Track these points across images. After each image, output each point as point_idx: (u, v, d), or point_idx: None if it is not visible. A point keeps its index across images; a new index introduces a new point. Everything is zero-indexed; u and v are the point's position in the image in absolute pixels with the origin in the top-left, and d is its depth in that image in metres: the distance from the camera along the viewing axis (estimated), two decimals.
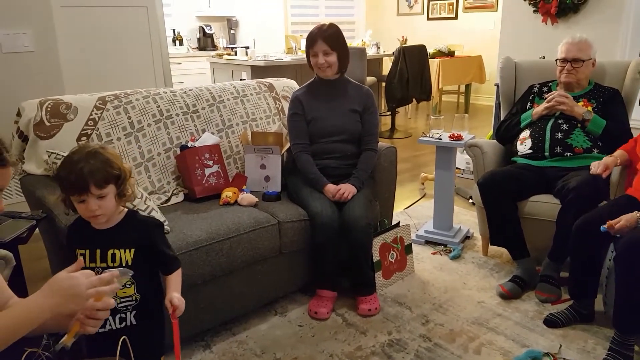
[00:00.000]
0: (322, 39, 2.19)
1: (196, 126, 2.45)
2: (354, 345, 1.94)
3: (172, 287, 1.38)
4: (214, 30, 6.60)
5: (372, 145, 2.33)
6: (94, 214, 1.26)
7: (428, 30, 7.72)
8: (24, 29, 2.90)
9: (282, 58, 5.07)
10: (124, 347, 1.17)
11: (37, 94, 2.33)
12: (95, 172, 1.23)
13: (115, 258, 1.31)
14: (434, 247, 2.75)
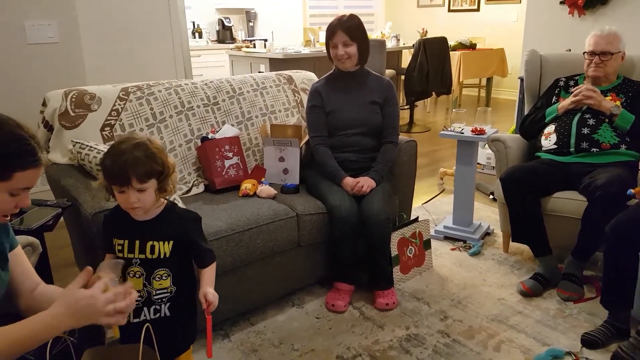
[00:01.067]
0: (342, 29, 2.17)
1: (216, 118, 2.46)
2: (371, 338, 1.94)
3: (206, 281, 1.38)
4: (232, 22, 6.61)
5: (393, 138, 2.30)
6: (132, 206, 1.28)
7: (449, 22, 7.61)
8: (49, 20, 2.94)
9: (300, 50, 5.06)
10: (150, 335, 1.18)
11: (60, 84, 2.37)
12: (139, 166, 1.24)
13: (154, 250, 1.32)
14: (453, 243, 2.72)
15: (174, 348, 1.41)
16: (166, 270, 1.34)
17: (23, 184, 1.05)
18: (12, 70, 2.87)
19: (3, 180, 1.02)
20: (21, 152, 1.04)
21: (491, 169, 3.75)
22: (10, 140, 1.03)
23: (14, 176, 1.03)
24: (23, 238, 1.47)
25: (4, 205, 1.06)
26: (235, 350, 1.88)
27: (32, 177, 1.07)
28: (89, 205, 1.64)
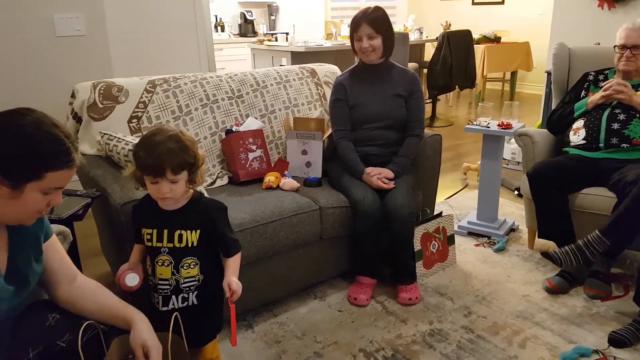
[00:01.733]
0: (367, 22, 2.15)
1: (240, 111, 2.48)
2: (394, 333, 1.93)
3: (231, 270, 1.40)
4: (254, 16, 6.62)
5: (417, 131, 2.28)
6: (164, 197, 1.31)
7: (473, 15, 7.49)
8: (76, 13, 2.98)
9: (322, 44, 5.05)
10: (177, 323, 1.20)
11: (87, 76, 2.41)
12: (173, 158, 1.27)
13: (182, 239, 1.35)
14: (477, 239, 2.69)
15: (201, 337, 1.43)
16: (194, 259, 1.36)
17: (55, 184, 1.05)
18: (41, 63, 2.93)
19: (36, 179, 1.02)
20: (55, 152, 1.03)
21: (516, 164, 3.69)
22: (45, 139, 1.02)
23: (47, 176, 1.02)
24: (54, 227, 1.49)
25: (36, 204, 1.05)
26: (259, 341, 1.90)
27: (65, 178, 1.07)
28: (117, 196, 1.67)
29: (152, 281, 1.39)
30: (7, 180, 0.99)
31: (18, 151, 1.00)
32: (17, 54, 2.86)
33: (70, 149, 1.06)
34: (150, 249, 1.38)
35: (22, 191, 1.01)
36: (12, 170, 0.99)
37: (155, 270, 1.36)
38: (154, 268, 1.36)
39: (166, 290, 1.36)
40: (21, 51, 2.87)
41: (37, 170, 1.01)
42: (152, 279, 1.38)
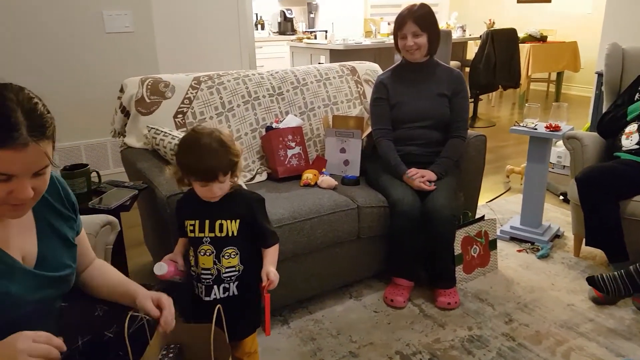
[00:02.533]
0: (412, 19, 2.11)
1: (280, 108, 2.49)
2: (431, 337, 1.90)
3: (269, 260, 1.42)
4: (294, 14, 6.65)
5: (461, 132, 2.23)
6: (215, 196, 1.35)
7: (518, 13, 7.28)
8: (125, 10, 3.07)
9: (361, 41, 5.02)
10: (219, 316, 1.21)
11: (135, 72, 2.47)
12: (224, 162, 1.31)
13: (223, 228, 1.38)
14: (519, 245, 2.61)
15: (241, 330, 1.44)
16: (234, 249, 1.39)
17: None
18: (91, 58, 3.03)
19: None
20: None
21: (562, 168, 3.57)
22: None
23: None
24: (102, 217, 1.54)
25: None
26: (294, 337, 1.90)
27: (9, 161, 0.86)
28: (163, 188, 1.71)
29: (195, 272, 1.41)
30: None
31: None
32: (68, 49, 2.97)
33: (13, 124, 0.86)
34: (193, 240, 1.40)
35: None
36: None
37: (198, 260, 1.39)
38: (197, 258, 1.39)
39: (208, 279, 1.39)
40: (72, 46, 2.98)
41: None
42: (195, 269, 1.41)
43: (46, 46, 2.91)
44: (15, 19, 2.80)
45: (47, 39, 2.90)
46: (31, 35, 2.86)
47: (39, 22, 2.86)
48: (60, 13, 2.91)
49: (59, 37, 2.93)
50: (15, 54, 2.83)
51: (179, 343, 1.32)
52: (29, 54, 2.86)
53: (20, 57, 2.84)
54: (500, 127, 5.21)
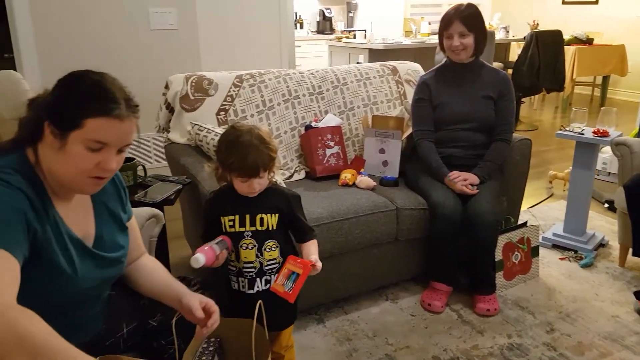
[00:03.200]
0: (459, 19, 2.08)
1: (320, 107, 2.49)
2: (469, 343, 1.86)
3: (311, 251, 1.43)
4: (333, 13, 6.64)
5: (506, 135, 2.17)
6: (255, 191, 1.37)
7: (562, 15, 7.06)
8: (170, 7, 3.14)
9: (400, 41, 4.97)
10: (260, 311, 1.23)
11: (178, 68, 2.53)
12: (265, 159, 1.34)
13: (263, 222, 1.40)
14: (562, 252, 2.53)
15: (279, 322, 1.46)
16: (275, 242, 1.42)
17: (96, 136, 0.96)
18: (136, 54, 3.11)
19: (74, 127, 0.95)
20: (94, 96, 0.96)
21: (607, 175, 3.44)
22: (85, 85, 0.97)
23: (86, 123, 0.94)
24: (148, 210, 1.58)
25: (83, 161, 0.97)
26: (330, 337, 1.90)
27: (108, 130, 0.96)
28: (207, 183, 1.74)
29: (236, 266, 1.43)
30: (56, 129, 0.96)
31: (61, 93, 0.98)
32: (114, 45, 3.05)
33: (115, 97, 0.97)
34: (233, 235, 1.42)
35: (66, 141, 0.95)
36: (57, 118, 0.96)
37: (239, 254, 1.41)
38: (238, 253, 1.41)
39: (251, 273, 1.41)
40: (118, 43, 3.06)
41: (76, 115, 0.95)
42: (237, 263, 1.43)
43: (93, 42, 3.00)
44: (64, 17, 2.90)
45: (94, 35, 3.00)
46: (79, 32, 2.96)
47: (87, 19, 2.96)
48: (107, 10, 2.99)
49: (106, 34, 3.02)
50: (63, 51, 2.93)
51: (219, 336, 1.34)
52: (77, 50, 2.96)
53: (68, 54, 2.94)
54: (542, 130, 5.07)
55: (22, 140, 1.02)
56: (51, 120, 0.96)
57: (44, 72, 2.90)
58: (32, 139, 1.00)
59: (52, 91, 1.00)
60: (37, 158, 1.01)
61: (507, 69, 5.30)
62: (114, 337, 1.23)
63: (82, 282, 1.07)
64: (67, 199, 1.08)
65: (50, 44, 2.90)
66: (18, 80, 1.88)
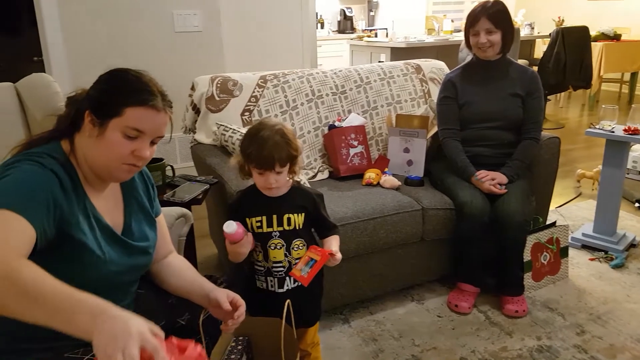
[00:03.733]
0: (486, 16, 2.04)
1: (343, 107, 2.49)
2: (498, 345, 1.84)
3: (332, 243, 1.44)
4: (354, 12, 6.63)
5: (534, 134, 2.13)
6: (270, 186, 1.38)
7: (588, 10, 6.90)
8: (194, 9, 3.17)
9: (423, 39, 4.93)
10: (288, 310, 1.23)
11: (203, 70, 2.55)
12: (282, 152, 1.34)
13: (290, 221, 1.41)
14: (591, 253, 2.47)
15: (305, 319, 1.47)
16: (302, 240, 1.43)
17: (135, 124, 1.03)
18: (162, 56, 3.16)
19: (114, 115, 1.02)
20: (136, 89, 1.05)
21: (637, 173, 3.35)
22: (125, 77, 1.07)
23: (126, 112, 1.02)
24: (177, 209, 1.60)
25: (120, 148, 1.04)
26: (355, 337, 1.89)
27: (144, 118, 1.04)
28: (233, 183, 1.75)
29: (264, 266, 1.44)
30: (97, 118, 1.03)
31: (103, 86, 1.07)
32: (140, 47, 3.10)
33: (152, 89, 1.06)
34: (261, 236, 1.43)
35: (105, 128, 1.03)
36: (99, 107, 1.04)
37: (268, 254, 1.42)
38: (267, 253, 1.42)
39: (281, 272, 1.42)
40: (144, 45, 3.11)
41: (117, 104, 1.03)
42: (265, 263, 1.43)
43: (120, 45, 3.06)
44: (91, 20, 2.96)
45: (121, 38, 3.05)
46: (106, 35, 3.01)
47: (113, 22, 3.01)
48: (133, 13, 3.04)
49: (132, 36, 3.07)
50: (91, 53, 2.99)
51: (247, 335, 1.35)
52: (104, 53, 3.01)
53: (95, 56, 3.00)
54: (569, 129, 4.97)
55: (59, 132, 1.09)
56: (92, 109, 1.04)
57: (73, 74, 2.96)
58: (69, 130, 1.08)
59: (93, 85, 1.09)
60: (73, 147, 1.08)
61: (533, 66, 5.21)
62: None
63: (110, 265, 1.09)
64: (99, 189, 1.13)
65: (78, 47, 2.96)
66: (50, 83, 1.92)
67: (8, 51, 4.68)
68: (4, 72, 4.42)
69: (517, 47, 4.58)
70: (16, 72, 2.38)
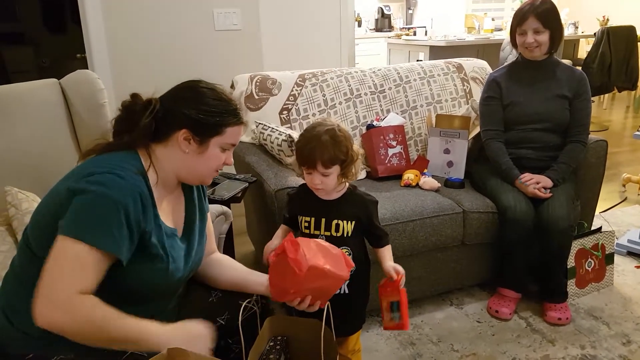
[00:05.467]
0: (535, 15, 1.98)
1: (381, 106, 2.46)
2: (540, 352, 1.78)
3: (388, 256, 1.43)
4: (392, 10, 6.56)
5: (581, 137, 2.06)
6: (316, 187, 1.37)
7: (636, 9, 6.61)
8: (234, 8, 3.19)
9: (463, 38, 4.83)
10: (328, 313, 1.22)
11: (242, 69, 2.56)
12: (324, 152, 1.32)
13: (339, 228, 1.39)
14: (637, 260, 2.38)
15: (347, 328, 1.45)
16: (348, 249, 1.40)
17: (231, 140, 1.17)
18: (202, 54, 3.19)
19: (218, 134, 1.14)
20: (231, 110, 1.16)
21: None
22: (223, 99, 1.16)
23: (226, 131, 1.15)
24: (218, 207, 1.62)
25: (217, 160, 1.17)
26: (393, 340, 1.87)
27: (238, 134, 1.19)
28: (272, 182, 1.76)
29: None
30: (197, 137, 1.12)
31: (205, 111, 1.13)
32: (181, 45, 3.14)
33: (240, 107, 1.19)
34: (308, 237, 1.42)
35: (207, 146, 1.14)
36: (201, 128, 1.12)
37: None
38: None
39: None
40: (185, 43, 3.15)
41: (219, 126, 1.14)
42: None
43: (161, 43, 3.10)
44: (133, 19, 3.01)
45: (162, 37, 3.09)
46: (148, 33, 3.06)
47: (155, 20, 3.05)
48: (174, 12, 3.08)
49: (173, 35, 3.11)
50: (132, 51, 3.05)
51: (285, 335, 1.35)
52: (145, 51, 3.06)
53: (135, 54, 3.05)
54: (613, 131, 4.79)
55: (135, 141, 1.13)
56: (193, 130, 1.12)
57: (114, 72, 3.03)
58: (148, 142, 1.14)
59: (179, 103, 1.14)
60: (152, 158, 1.13)
61: (576, 66, 5.05)
62: None
63: (176, 272, 1.14)
64: (167, 193, 1.18)
65: (120, 45, 3.02)
66: (94, 80, 1.95)
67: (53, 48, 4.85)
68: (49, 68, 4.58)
69: (561, 46, 4.45)
70: (60, 68, 2.46)
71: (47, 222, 1.00)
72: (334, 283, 1.18)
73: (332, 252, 1.17)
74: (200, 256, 1.27)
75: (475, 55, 4.22)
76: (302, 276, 1.10)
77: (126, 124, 1.14)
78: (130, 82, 2.97)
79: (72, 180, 1.01)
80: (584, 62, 4.71)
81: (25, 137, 1.76)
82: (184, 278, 1.21)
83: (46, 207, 1.04)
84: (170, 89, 1.19)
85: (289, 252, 1.10)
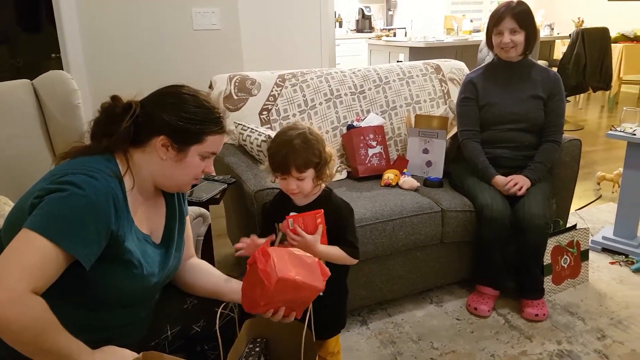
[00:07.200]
0: (511, 15, 2.02)
1: (362, 106, 2.47)
2: (517, 349, 1.81)
3: (328, 248, 1.37)
4: (372, 11, 6.60)
5: (555, 136, 2.10)
6: (292, 192, 1.36)
7: (608, 12, 6.78)
8: (212, 7, 3.17)
9: (442, 39, 4.89)
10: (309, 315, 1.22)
11: (221, 69, 2.54)
12: (298, 157, 1.31)
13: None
14: (612, 256, 2.44)
15: (328, 330, 1.45)
16: None
17: (212, 148, 1.15)
18: (180, 54, 3.15)
19: (198, 142, 1.12)
20: (213, 118, 1.14)
21: None
22: (205, 108, 1.13)
23: (207, 139, 1.12)
24: (195, 209, 1.60)
25: (196, 168, 1.15)
26: (373, 339, 1.88)
27: (219, 142, 1.17)
28: (251, 183, 1.75)
29: None
30: (175, 145, 1.10)
31: (185, 119, 1.10)
32: (158, 45, 3.09)
33: (222, 116, 1.16)
34: None
35: (186, 154, 1.11)
36: (180, 135, 1.10)
37: None
38: None
39: None
40: (162, 42, 3.10)
41: (200, 134, 1.11)
42: None
43: (138, 42, 3.05)
44: (109, 18, 2.96)
45: (139, 36, 3.05)
46: (124, 33, 3.01)
47: (132, 19, 3.01)
48: (152, 11, 3.04)
49: (151, 34, 3.06)
50: (106, 50, 2.99)
51: (265, 337, 1.34)
52: (120, 50, 3.01)
53: (111, 53, 3.00)
54: (588, 130, 4.90)
55: (113, 145, 1.09)
56: (172, 137, 1.10)
57: (90, 71, 2.97)
58: (127, 146, 1.11)
59: (162, 108, 1.11)
60: (130, 163, 1.10)
61: (552, 67, 5.15)
62: (159, 339, 1.24)
63: (151, 277, 1.12)
64: (144, 199, 1.15)
65: (95, 44, 2.97)
66: (67, 80, 1.91)
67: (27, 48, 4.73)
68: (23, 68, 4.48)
69: (537, 48, 4.53)
70: (35, 68, 2.40)
71: (21, 226, 0.98)
72: (308, 294, 1.13)
73: (306, 262, 1.12)
74: (178, 261, 1.25)
75: (454, 56, 4.27)
76: (272, 288, 1.04)
77: (105, 127, 1.10)
78: (106, 82, 2.92)
79: (46, 182, 0.99)
80: (559, 63, 4.81)
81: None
82: (160, 283, 1.18)
83: (20, 210, 1.01)
84: (152, 92, 1.16)
85: (259, 262, 1.05)
